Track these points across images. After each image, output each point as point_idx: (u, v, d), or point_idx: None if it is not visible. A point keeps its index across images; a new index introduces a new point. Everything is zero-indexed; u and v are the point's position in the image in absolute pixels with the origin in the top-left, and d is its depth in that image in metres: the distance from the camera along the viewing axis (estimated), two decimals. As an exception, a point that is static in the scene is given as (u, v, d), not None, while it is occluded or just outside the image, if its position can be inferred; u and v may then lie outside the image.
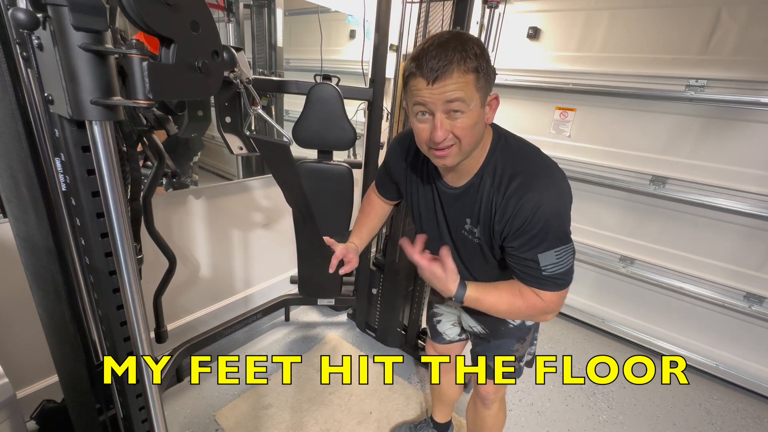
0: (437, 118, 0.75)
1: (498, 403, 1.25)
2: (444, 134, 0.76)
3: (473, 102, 0.74)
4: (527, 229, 0.79)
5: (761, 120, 1.78)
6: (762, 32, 1.71)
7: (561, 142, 2.32)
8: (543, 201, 0.78)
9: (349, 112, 1.49)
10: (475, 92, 0.74)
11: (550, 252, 0.80)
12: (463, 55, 0.71)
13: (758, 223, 1.87)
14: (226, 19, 1.73)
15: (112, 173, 0.57)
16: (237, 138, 1.35)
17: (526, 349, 1.14)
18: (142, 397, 0.85)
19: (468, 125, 0.76)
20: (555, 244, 0.80)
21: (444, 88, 0.72)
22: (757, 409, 1.94)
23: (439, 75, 0.71)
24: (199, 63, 0.58)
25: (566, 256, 0.82)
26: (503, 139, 0.87)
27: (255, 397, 1.71)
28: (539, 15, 2.24)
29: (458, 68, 0.71)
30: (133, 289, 0.65)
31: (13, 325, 1.34)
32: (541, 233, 0.79)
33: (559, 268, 0.82)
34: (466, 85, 0.72)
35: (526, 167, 0.82)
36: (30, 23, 0.52)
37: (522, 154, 0.86)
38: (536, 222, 0.78)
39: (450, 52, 0.71)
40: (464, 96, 0.73)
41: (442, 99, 0.73)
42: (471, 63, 0.72)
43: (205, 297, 1.98)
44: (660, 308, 2.22)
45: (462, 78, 0.72)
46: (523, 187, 0.79)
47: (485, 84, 0.75)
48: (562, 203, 0.81)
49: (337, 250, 1.08)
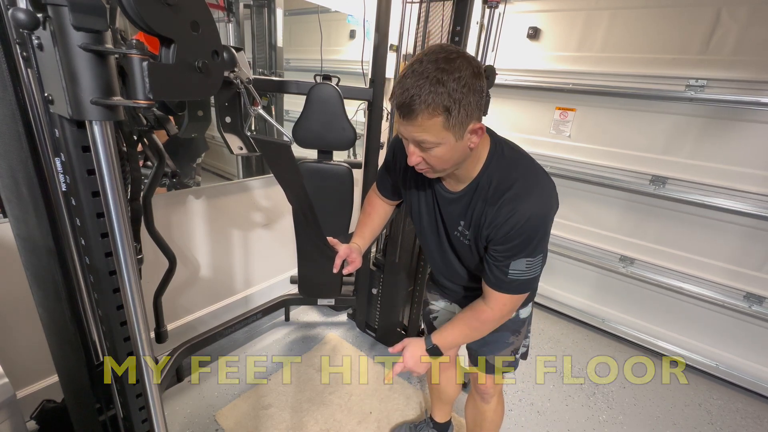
0: (410, 146, 0.79)
1: (497, 397, 1.27)
2: (416, 160, 0.80)
3: (444, 139, 0.74)
4: (512, 236, 0.82)
5: (761, 120, 1.78)
6: (762, 32, 1.71)
7: (561, 142, 2.32)
8: (532, 213, 0.80)
9: (349, 112, 1.49)
10: (443, 131, 0.73)
11: (522, 260, 0.84)
12: (432, 95, 0.68)
13: (758, 223, 1.87)
14: (226, 19, 1.73)
15: (112, 173, 0.57)
16: (237, 138, 1.35)
17: (521, 342, 1.17)
18: (142, 397, 0.85)
19: (440, 156, 0.77)
20: (530, 254, 0.84)
21: (411, 127, 0.74)
22: (757, 409, 1.94)
23: (405, 114, 0.72)
24: (199, 63, 0.58)
25: (535, 266, 0.86)
26: (500, 148, 0.88)
27: (255, 397, 1.71)
28: (539, 15, 2.24)
29: (424, 111, 0.70)
30: (133, 289, 0.65)
31: (13, 325, 1.34)
32: (523, 243, 0.82)
33: (523, 275, 0.86)
34: (432, 127, 0.72)
35: (519, 179, 0.84)
36: (30, 23, 0.52)
37: (517, 165, 0.87)
38: (522, 232, 0.81)
39: (421, 89, 0.69)
40: (430, 138, 0.74)
41: (410, 137, 0.76)
42: (440, 103, 0.69)
43: (205, 297, 1.98)
44: (660, 308, 2.22)
45: (428, 121, 0.71)
46: (516, 198, 0.82)
47: (459, 120, 0.72)
48: (548, 217, 0.84)
49: (341, 249, 1.09)
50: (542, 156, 2.37)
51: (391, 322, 2.04)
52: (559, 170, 2.32)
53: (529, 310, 1.15)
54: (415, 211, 1.06)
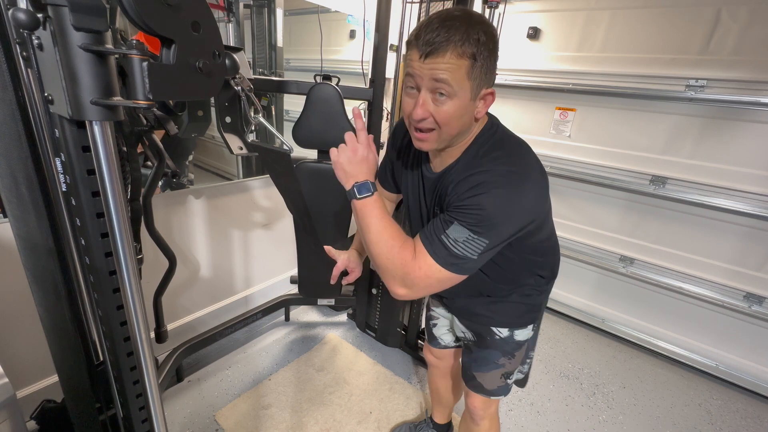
0: (421, 95, 0.72)
1: (488, 421, 1.19)
2: (423, 113, 0.72)
3: (462, 90, 0.70)
4: (465, 198, 0.73)
5: (761, 120, 1.78)
6: (762, 32, 1.71)
7: (561, 142, 2.32)
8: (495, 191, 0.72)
9: (349, 113, 1.49)
10: (465, 80, 0.69)
11: (465, 230, 0.72)
12: (464, 37, 0.66)
13: (758, 223, 1.87)
14: (226, 19, 1.73)
15: (112, 173, 0.57)
16: (237, 138, 1.35)
17: (516, 367, 1.09)
18: (142, 397, 0.84)
19: (450, 113, 0.71)
20: (475, 231, 0.72)
21: (434, 65, 0.68)
22: (757, 409, 1.94)
23: (431, 51, 0.67)
24: (200, 64, 0.58)
25: (475, 247, 0.73)
26: (493, 130, 0.83)
27: (255, 397, 1.71)
28: (539, 15, 2.24)
29: (453, 49, 0.66)
30: (133, 289, 0.65)
31: (13, 325, 1.34)
32: (473, 211, 0.72)
33: (459, 247, 0.73)
34: (457, 69, 0.68)
35: (500, 157, 0.77)
36: (30, 23, 0.52)
37: (504, 145, 0.80)
38: (476, 200, 0.72)
39: (451, 30, 0.66)
40: (452, 80, 0.68)
41: (430, 76, 0.69)
42: (469, 48, 0.67)
43: (205, 297, 1.98)
44: (660, 308, 2.22)
45: (454, 61, 0.67)
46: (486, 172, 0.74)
47: (480, 75, 0.70)
48: (514, 205, 0.74)
49: (339, 261, 1.04)
50: (542, 156, 2.36)
51: (391, 322, 2.04)
52: (559, 170, 2.32)
53: (529, 333, 1.05)
54: (404, 195, 1.02)
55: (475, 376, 1.10)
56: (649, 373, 2.12)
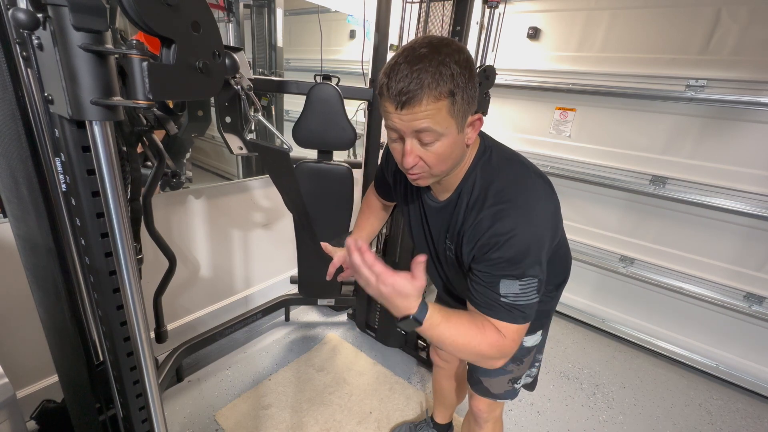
0: (407, 143, 0.69)
1: (492, 423, 1.18)
2: (414, 160, 0.70)
3: (448, 128, 0.67)
4: (494, 255, 0.71)
5: (761, 120, 1.78)
6: (762, 32, 1.71)
7: (561, 142, 2.32)
8: (517, 229, 0.70)
9: (349, 112, 1.49)
10: (448, 119, 0.66)
11: (515, 282, 0.72)
12: (436, 77, 0.62)
13: (758, 223, 1.87)
14: (226, 19, 1.73)
15: (112, 173, 0.57)
16: (237, 138, 1.35)
17: (524, 372, 1.08)
18: (142, 397, 0.84)
19: (440, 152, 0.70)
20: (522, 275, 0.71)
21: (412, 115, 0.65)
22: (757, 409, 1.94)
23: (406, 101, 0.64)
24: (200, 63, 0.58)
25: (531, 289, 0.73)
26: (488, 153, 0.80)
27: (255, 397, 1.71)
28: (539, 15, 2.24)
29: (428, 94, 0.63)
30: (133, 289, 0.65)
31: (13, 325, 1.34)
32: (509, 262, 0.71)
33: (521, 299, 0.72)
34: (437, 113, 0.65)
35: (505, 188, 0.75)
36: (30, 23, 0.52)
37: (504, 172, 0.78)
38: (506, 250, 0.70)
39: (422, 74, 0.62)
40: (434, 124, 0.65)
41: (411, 128, 0.67)
42: (444, 86, 0.63)
43: (205, 297, 1.98)
44: (660, 308, 2.22)
45: (432, 105, 0.64)
46: (498, 212, 0.72)
47: (462, 106, 0.67)
48: (538, 232, 0.72)
49: (335, 257, 1.04)
50: (542, 156, 2.37)
51: (391, 322, 2.04)
52: (559, 170, 2.32)
53: (537, 338, 1.06)
54: (405, 219, 1.02)
55: (481, 381, 1.10)
56: (649, 373, 2.12)
